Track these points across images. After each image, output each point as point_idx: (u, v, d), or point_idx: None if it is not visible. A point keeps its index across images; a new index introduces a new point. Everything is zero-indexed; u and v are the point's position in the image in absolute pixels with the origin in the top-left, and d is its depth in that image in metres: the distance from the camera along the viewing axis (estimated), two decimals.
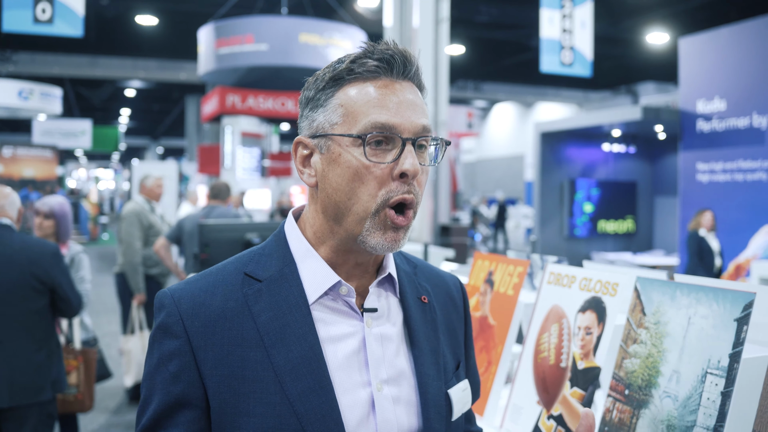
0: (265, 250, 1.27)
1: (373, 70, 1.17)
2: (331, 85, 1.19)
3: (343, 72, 1.17)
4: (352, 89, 1.17)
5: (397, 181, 1.15)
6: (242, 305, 1.18)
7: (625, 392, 1.50)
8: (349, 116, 1.16)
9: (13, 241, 3.71)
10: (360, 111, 1.15)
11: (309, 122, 1.21)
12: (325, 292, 1.20)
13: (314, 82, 1.22)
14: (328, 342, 1.18)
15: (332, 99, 1.18)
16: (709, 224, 8.14)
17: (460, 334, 1.41)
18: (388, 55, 1.17)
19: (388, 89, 1.17)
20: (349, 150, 1.15)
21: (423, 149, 1.21)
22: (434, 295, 1.37)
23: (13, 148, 23.65)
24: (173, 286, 1.22)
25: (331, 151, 1.17)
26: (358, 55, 1.18)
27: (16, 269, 3.66)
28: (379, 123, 1.14)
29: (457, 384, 1.32)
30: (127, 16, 20.16)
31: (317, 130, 1.19)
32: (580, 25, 13.41)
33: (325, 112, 1.18)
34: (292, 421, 1.11)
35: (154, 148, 50.23)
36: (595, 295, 1.71)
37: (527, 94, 30.11)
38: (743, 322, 1.32)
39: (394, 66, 1.18)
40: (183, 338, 1.15)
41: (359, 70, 1.17)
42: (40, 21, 11.00)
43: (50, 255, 3.79)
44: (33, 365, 3.71)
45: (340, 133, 1.16)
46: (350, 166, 1.15)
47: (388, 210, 1.15)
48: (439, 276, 1.44)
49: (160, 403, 1.14)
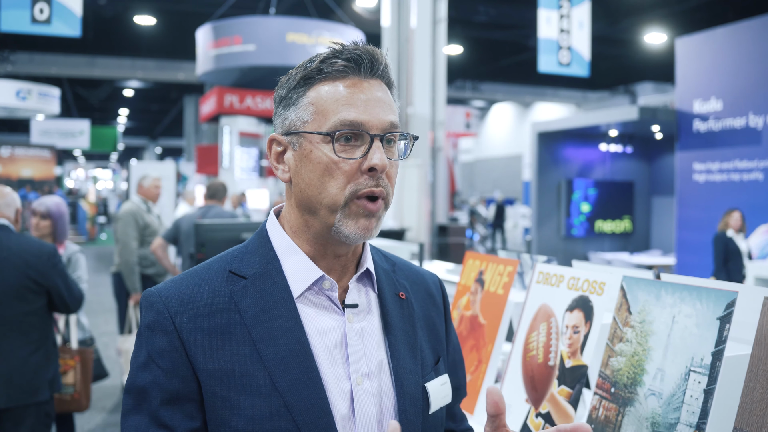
0: (248, 248, 1.30)
1: (341, 69, 1.21)
2: (302, 84, 1.23)
3: (313, 71, 1.22)
4: (322, 88, 1.21)
5: (365, 176, 1.19)
6: (229, 301, 1.20)
7: (611, 390, 1.52)
8: (319, 114, 1.20)
9: (9, 242, 3.70)
10: (329, 109, 1.19)
11: (282, 120, 1.26)
12: (309, 286, 1.23)
13: (286, 82, 1.26)
14: (313, 335, 1.21)
15: (303, 98, 1.22)
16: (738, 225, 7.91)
17: (440, 330, 1.43)
18: (356, 55, 1.21)
19: (356, 87, 1.21)
20: (320, 146, 1.19)
21: (392, 144, 1.25)
22: (413, 291, 1.40)
23: (11, 148, 23.65)
24: (159, 285, 1.24)
25: (303, 147, 1.21)
26: (328, 55, 1.22)
27: (12, 271, 3.65)
28: (348, 120, 1.18)
29: (435, 378, 1.34)
30: (126, 16, 20.17)
31: (289, 127, 1.24)
32: (578, 25, 13.44)
33: (296, 111, 1.23)
34: (283, 412, 1.13)
35: (153, 148, 50.23)
36: (583, 294, 1.72)
37: (525, 94, 30.13)
38: (726, 320, 1.33)
39: (362, 65, 1.21)
40: (173, 335, 1.16)
41: (328, 69, 1.21)
42: (38, 21, 11.01)
43: (47, 256, 3.78)
44: (30, 366, 3.71)
45: (311, 131, 1.20)
46: (320, 161, 1.19)
47: (358, 200, 1.19)
48: (418, 274, 1.46)
49: (156, 400, 1.15)
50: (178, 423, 1.14)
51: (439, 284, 1.49)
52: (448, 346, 1.44)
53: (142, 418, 1.16)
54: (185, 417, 1.15)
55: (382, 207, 1.22)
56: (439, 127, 13.59)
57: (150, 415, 1.15)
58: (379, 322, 1.30)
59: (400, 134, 1.26)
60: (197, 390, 1.16)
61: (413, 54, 12.98)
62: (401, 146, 1.29)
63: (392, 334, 1.29)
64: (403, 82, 13.19)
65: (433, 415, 1.31)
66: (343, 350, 1.23)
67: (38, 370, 3.74)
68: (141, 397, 1.16)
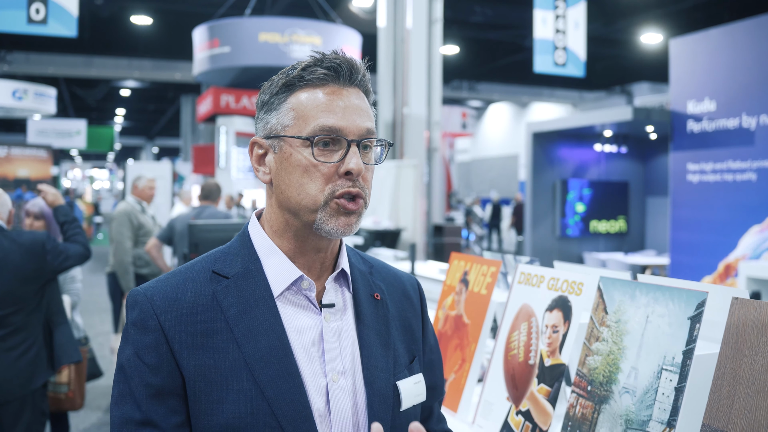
0: (230, 249, 1.35)
1: (321, 77, 1.27)
2: (284, 90, 1.29)
3: (295, 79, 1.27)
4: (303, 94, 1.27)
5: (342, 179, 1.25)
6: (212, 301, 1.25)
7: (587, 388, 1.55)
8: (299, 119, 1.26)
9: (3, 243, 3.72)
10: (309, 115, 1.25)
11: (263, 124, 1.32)
12: (288, 286, 1.28)
13: (269, 87, 1.32)
14: (292, 332, 1.26)
15: (284, 103, 1.28)
16: None
17: (417, 330, 1.47)
18: (336, 64, 1.27)
19: (335, 95, 1.27)
20: (299, 150, 1.25)
21: (368, 150, 1.30)
22: (389, 293, 1.45)
23: (7, 148, 23.62)
24: (144, 285, 1.29)
25: (284, 151, 1.27)
26: (309, 63, 1.28)
27: (9, 270, 3.69)
28: (327, 126, 1.24)
29: (409, 377, 1.38)
30: (122, 16, 20.18)
31: (271, 131, 1.30)
32: (574, 25, 13.47)
33: (278, 115, 1.28)
34: (263, 406, 1.18)
35: (150, 147, 50.21)
36: (562, 294, 1.76)
37: (522, 94, 30.15)
38: (696, 320, 1.37)
39: (341, 74, 1.27)
40: (158, 332, 1.21)
41: (309, 77, 1.27)
42: (34, 21, 11.01)
43: (40, 248, 3.82)
44: (29, 356, 3.78)
45: (291, 135, 1.26)
46: (300, 164, 1.25)
47: (337, 199, 1.25)
48: (395, 276, 1.51)
49: (141, 395, 1.19)
50: (163, 417, 1.19)
51: (417, 286, 1.54)
52: (424, 347, 1.48)
53: (127, 413, 1.20)
54: (169, 412, 1.19)
55: (362, 205, 1.27)
56: (434, 128, 13.61)
57: (135, 409, 1.19)
58: (353, 321, 1.35)
59: (376, 140, 1.31)
60: (181, 385, 1.20)
61: (409, 54, 13.01)
62: (377, 151, 1.34)
63: (365, 333, 1.34)
64: (398, 82, 13.22)
65: (404, 412, 1.36)
66: (320, 348, 1.28)
67: (35, 359, 3.82)
68: (126, 392, 1.20)
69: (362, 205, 1.28)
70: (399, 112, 13.19)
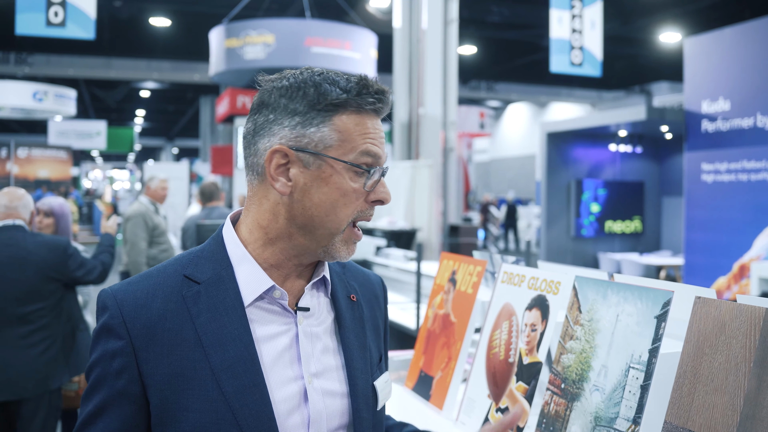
0: (203, 252, 1.33)
1: (370, 104, 1.27)
2: (329, 108, 1.25)
3: (343, 101, 1.25)
4: (350, 118, 1.26)
5: (368, 204, 1.29)
6: (181, 307, 1.25)
7: (561, 386, 1.57)
8: (345, 142, 1.25)
9: (26, 241, 3.91)
10: (356, 140, 1.25)
11: (294, 135, 1.25)
12: (260, 295, 1.28)
13: (302, 96, 1.26)
14: (262, 341, 1.27)
15: (329, 122, 1.25)
16: None
17: (382, 329, 1.52)
18: (380, 97, 1.29)
19: (374, 123, 1.29)
20: (341, 173, 1.25)
21: None
22: (361, 293, 1.47)
23: (27, 149, 23.90)
24: (115, 286, 1.29)
25: (322, 170, 1.25)
26: (360, 90, 1.26)
27: (31, 269, 3.87)
28: (372, 152, 1.26)
29: (380, 376, 1.42)
30: (141, 18, 20.34)
31: (306, 146, 1.25)
32: (590, 25, 13.43)
33: (319, 132, 1.24)
34: (228, 416, 1.19)
35: (170, 148, 50.54)
36: (541, 293, 1.78)
37: (540, 94, 30.06)
38: (662, 319, 1.39)
39: (384, 106, 1.30)
40: (126, 339, 1.22)
41: (362, 103, 1.26)
42: (53, 24, 11.15)
43: (62, 250, 4.00)
44: (49, 355, 3.94)
45: (335, 157, 1.25)
46: (340, 187, 1.25)
47: (353, 227, 1.29)
48: (365, 275, 1.54)
49: (104, 394, 1.22)
50: (114, 419, 1.22)
51: (383, 285, 1.58)
52: (385, 344, 1.52)
53: (93, 405, 1.24)
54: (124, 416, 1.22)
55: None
56: (450, 128, 13.60)
57: (100, 403, 1.23)
58: (332, 324, 1.37)
59: None
60: (142, 393, 1.22)
61: (424, 55, 13.01)
62: None
63: (346, 336, 1.36)
64: (414, 82, 13.23)
65: (380, 410, 1.40)
66: (295, 351, 1.29)
67: (55, 360, 3.98)
68: (96, 387, 1.24)
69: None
70: (415, 112, 13.20)
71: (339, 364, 1.34)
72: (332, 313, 1.38)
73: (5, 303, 3.79)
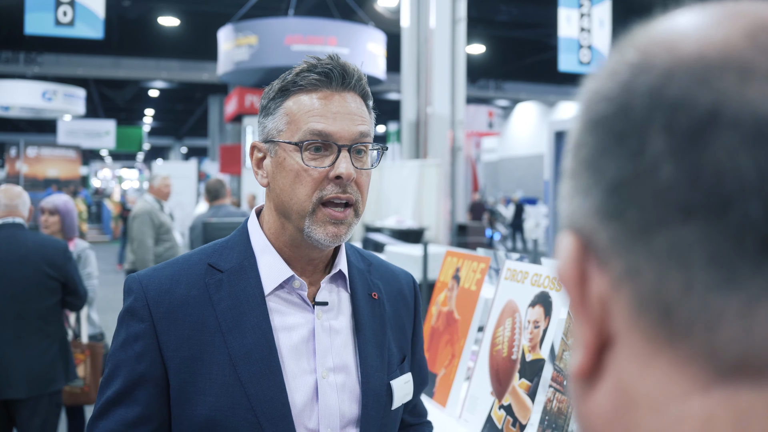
0: (228, 243, 1.38)
1: (314, 82, 1.28)
2: (279, 95, 1.31)
3: (289, 84, 1.30)
4: (296, 100, 1.29)
5: (332, 183, 1.26)
6: (204, 293, 1.28)
7: (564, 383, 1.56)
8: (291, 124, 1.28)
9: (26, 239, 3.88)
10: (300, 120, 1.27)
11: (262, 128, 1.34)
12: (280, 285, 1.31)
13: (267, 92, 1.35)
14: (280, 331, 1.29)
15: (279, 108, 1.31)
16: None
17: (408, 329, 1.50)
18: (327, 69, 1.29)
19: (328, 100, 1.28)
20: (292, 155, 1.27)
21: (362, 154, 1.32)
22: (386, 292, 1.46)
23: (37, 148, 23.98)
24: (142, 272, 1.33)
25: (278, 155, 1.29)
26: (302, 69, 1.30)
27: (31, 267, 3.83)
28: (316, 130, 1.26)
29: (400, 376, 1.41)
30: (149, 18, 20.38)
31: (267, 135, 1.32)
32: (599, 23, 13.40)
33: (273, 120, 1.31)
34: (243, 401, 1.22)
35: (178, 148, 50.59)
36: (544, 290, 1.77)
37: (549, 93, 29.97)
38: None
39: (333, 79, 1.29)
40: (148, 322, 1.25)
41: (302, 82, 1.29)
42: (62, 23, 11.18)
43: (62, 251, 3.97)
44: (48, 358, 3.90)
45: (284, 140, 1.28)
46: (292, 169, 1.27)
47: (324, 207, 1.26)
48: (393, 273, 1.53)
49: (124, 379, 1.24)
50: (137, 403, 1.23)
51: (413, 285, 1.56)
52: (414, 346, 1.51)
53: (112, 392, 1.25)
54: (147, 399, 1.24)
55: (351, 215, 1.29)
56: (458, 127, 13.57)
57: (120, 388, 1.24)
58: (350, 320, 1.38)
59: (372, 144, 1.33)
60: (163, 376, 1.24)
61: (432, 54, 12.98)
62: (373, 155, 1.36)
63: (362, 333, 1.36)
64: (422, 81, 13.21)
65: (394, 411, 1.39)
66: (311, 345, 1.30)
67: (55, 361, 3.95)
68: (115, 372, 1.25)
69: (352, 215, 1.29)
70: (423, 111, 13.18)
71: (354, 360, 1.35)
72: (351, 309, 1.39)
73: (4, 300, 3.76)
